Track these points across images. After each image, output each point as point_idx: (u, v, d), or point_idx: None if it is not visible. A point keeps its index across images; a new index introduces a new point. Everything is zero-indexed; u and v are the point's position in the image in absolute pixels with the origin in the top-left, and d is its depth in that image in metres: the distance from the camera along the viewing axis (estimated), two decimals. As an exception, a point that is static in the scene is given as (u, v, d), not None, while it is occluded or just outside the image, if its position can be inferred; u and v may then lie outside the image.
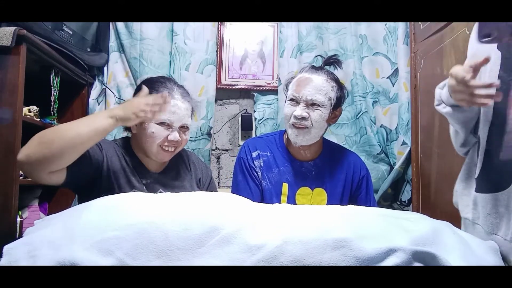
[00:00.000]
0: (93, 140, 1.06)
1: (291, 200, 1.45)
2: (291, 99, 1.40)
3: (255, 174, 1.46)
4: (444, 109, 0.97)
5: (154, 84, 1.28)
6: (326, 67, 1.49)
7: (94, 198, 0.94)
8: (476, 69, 0.81)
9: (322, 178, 1.47)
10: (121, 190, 1.20)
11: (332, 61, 1.50)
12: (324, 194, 1.46)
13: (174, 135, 1.24)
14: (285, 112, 1.43)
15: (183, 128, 1.28)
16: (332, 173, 1.48)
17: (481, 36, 0.79)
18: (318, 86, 1.38)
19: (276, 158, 1.48)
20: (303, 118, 1.37)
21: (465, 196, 0.98)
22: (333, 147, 1.56)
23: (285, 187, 1.45)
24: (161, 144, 1.24)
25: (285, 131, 1.53)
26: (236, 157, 1.54)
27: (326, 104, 1.39)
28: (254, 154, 1.49)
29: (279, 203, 1.43)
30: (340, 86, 1.44)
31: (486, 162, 0.90)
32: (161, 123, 1.23)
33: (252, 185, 1.46)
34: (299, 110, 1.37)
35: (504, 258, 0.83)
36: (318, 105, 1.37)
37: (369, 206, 1.46)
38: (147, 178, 1.28)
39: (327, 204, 1.45)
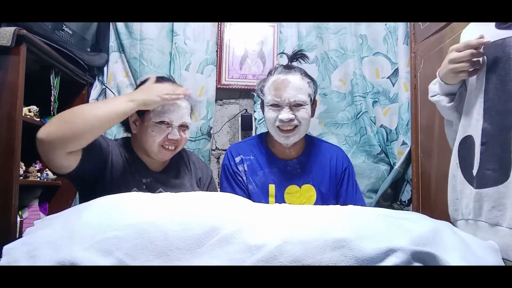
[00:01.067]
0: (112, 122, 1.11)
1: (280, 200, 1.44)
2: (273, 104, 1.38)
3: (240, 179, 1.46)
4: (438, 98, 1.08)
5: None
6: (294, 63, 1.48)
7: (96, 196, 0.95)
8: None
9: (308, 174, 1.47)
10: (121, 189, 1.20)
11: (299, 56, 1.49)
12: (312, 190, 1.46)
13: (174, 133, 1.24)
14: (268, 117, 1.41)
15: (183, 127, 1.28)
16: (317, 167, 1.48)
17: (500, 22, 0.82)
18: (297, 86, 1.37)
19: (260, 160, 1.47)
20: (290, 120, 1.36)
21: (465, 198, 0.99)
22: (315, 142, 1.55)
23: (271, 188, 1.44)
24: (161, 143, 1.24)
25: (266, 133, 1.53)
26: (221, 165, 1.54)
27: (308, 102, 1.40)
28: (237, 159, 1.48)
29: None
30: (312, 80, 1.45)
31: (484, 157, 0.91)
32: (161, 122, 1.23)
33: (238, 190, 1.45)
34: (285, 114, 1.36)
35: (508, 248, 0.84)
36: (302, 104, 1.37)
37: (354, 197, 1.47)
38: (148, 177, 1.28)
39: (316, 199, 1.45)
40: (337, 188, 1.49)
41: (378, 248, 0.72)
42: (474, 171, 0.94)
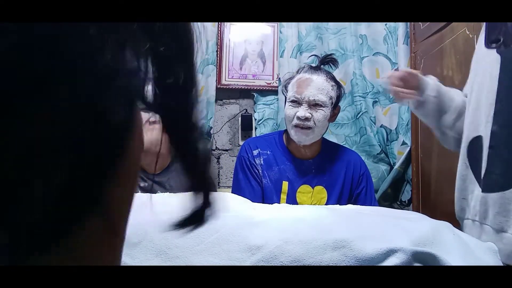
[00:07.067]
0: None
1: (291, 198, 1.45)
2: (293, 101, 1.40)
3: (256, 171, 1.47)
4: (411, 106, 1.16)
5: None
6: (323, 66, 1.50)
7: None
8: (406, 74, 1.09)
9: (322, 176, 1.48)
10: None
11: (328, 60, 1.51)
12: (324, 192, 1.47)
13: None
14: (286, 114, 1.43)
15: None
16: (332, 171, 1.49)
17: (489, 41, 0.80)
18: (319, 86, 1.38)
19: (276, 157, 1.49)
20: (307, 119, 1.37)
21: (473, 199, 0.99)
22: (332, 146, 1.57)
23: (285, 185, 1.45)
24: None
25: (284, 131, 1.54)
26: (237, 157, 1.55)
27: (328, 104, 1.40)
28: (255, 152, 1.50)
29: (279, 201, 1.44)
30: (338, 84, 1.46)
31: (491, 161, 0.90)
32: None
33: (253, 183, 1.46)
34: (302, 111, 1.37)
35: None
36: (321, 105, 1.38)
37: (369, 204, 1.47)
38: (145, 181, 1.29)
39: (326, 202, 1.46)
40: (354, 193, 1.50)
41: (378, 249, 0.72)
42: (482, 174, 0.93)
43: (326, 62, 1.51)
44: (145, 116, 1.05)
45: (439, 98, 1.11)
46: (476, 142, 0.97)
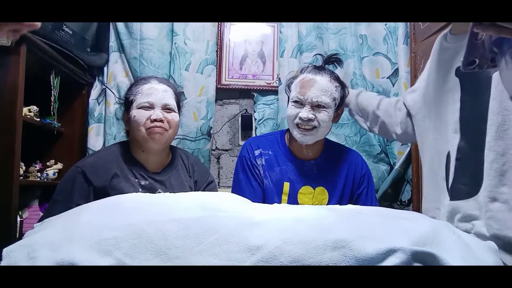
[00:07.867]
0: None
1: (292, 199, 1.44)
2: (296, 101, 1.38)
3: (257, 172, 1.46)
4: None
5: (135, 81, 1.40)
6: (327, 66, 1.49)
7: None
8: None
9: (324, 177, 1.47)
10: (122, 192, 1.21)
11: (333, 60, 1.49)
12: (325, 193, 1.46)
13: (156, 114, 1.25)
14: (289, 113, 1.41)
15: (167, 110, 1.29)
16: (333, 172, 1.48)
17: (466, 64, 0.82)
18: (323, 88, 1.36)
19: (278, 157, 1.47)
20: (309, 120, 1.36)
21: (439, 207, 1.05)
22: (334, 146, 1.56)
23: (286, 186, 1.44)
24: (146, 126, 1.25)
25: (286, 130, 1.53)
26: (238, 156, 1.54)
27: (331, 105, 1.38)
28: (256, 152, 1.48)
29: (280, 202, 1.43)
30: (342, 85, 1.44)
31: (457, 173, 0.98)
32: (142, 107, 1.26)
33: (254, 183, 1.45)
34: (305, 112, 1.35)
35: None
36: (324, 106, 1.36)
37: (370, 205, 1.46)
38: (146, 179, 1.28)
39: (328, 203, 1.45)
40: (355, 194, 1.49)
41: (378, 248, 0.72)
42: (449, 184, 1.00)
43: (330, 62, 1.49)
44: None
45: (358, 110, 1.48)
46: (448, 157, 1.04)
